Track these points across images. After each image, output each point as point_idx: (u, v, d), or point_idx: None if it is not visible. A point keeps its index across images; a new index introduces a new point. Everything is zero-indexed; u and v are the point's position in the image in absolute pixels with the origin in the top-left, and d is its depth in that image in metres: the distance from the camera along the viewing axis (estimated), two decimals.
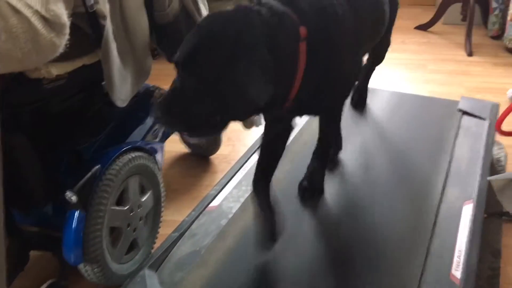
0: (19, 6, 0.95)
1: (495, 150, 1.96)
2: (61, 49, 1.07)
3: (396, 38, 3.41)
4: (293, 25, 1.04)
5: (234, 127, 2.38)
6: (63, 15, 1.03)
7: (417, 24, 3.61)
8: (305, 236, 1.34)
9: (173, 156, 2.09)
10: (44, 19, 1.00)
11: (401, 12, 4.19)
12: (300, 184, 1.46)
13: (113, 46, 1.26)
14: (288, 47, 1.03)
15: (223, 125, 1.02)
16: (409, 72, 2.93)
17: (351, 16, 1.18)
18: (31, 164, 1.29)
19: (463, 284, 1.14)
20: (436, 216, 1.37)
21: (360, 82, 1.92)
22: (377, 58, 1.85)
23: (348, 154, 1.67)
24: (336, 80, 1.18)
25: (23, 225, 1.38)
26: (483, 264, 1.43)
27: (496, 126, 1.00)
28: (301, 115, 1.36)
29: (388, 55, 3.19)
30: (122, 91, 1.32)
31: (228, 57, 0.94)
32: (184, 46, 0.99)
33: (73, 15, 1.20)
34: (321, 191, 1.46)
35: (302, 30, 1.04)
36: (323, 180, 1.47)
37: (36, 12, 0.98)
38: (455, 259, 1.21)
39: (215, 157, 2.08)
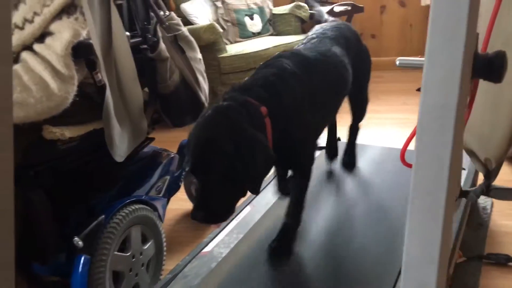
0: (34, 64, 1.28)
1: (481, 198, 2.06)
2: (70, 98, 1.33)
3: (397, 100, 3.61)
4: (256, 108, 1.32)
5: None
6: (71, 68, 1.33)
7: (418, 86, 3.77)
8: None
9: (180, 213, 2.26)
10: (55, 71, 1.29)
11: (402, 76, 4.40)
12: (270, 246, 1.53)
13: (113, 112, 1.47)
14: (260, 123, 1.31)
15: (243, 196, 1.32)
16: (408, 129, 3.04)
17: (302, 87, 1.42)
18: (49, 219, 1.47)
19: None
20: None
21: (347, 142, 2.07)
22: (357, 116, 2.00)
23: (349, 208, 1.78)
24: (295, 137, 1.44)
25: (43, 276, 1.56)
26: None
27: (400, 157, 1.08)
28: (283, 166, 1.61)
29: (388, 115, 3.34)
30: (121, 149, 1.53)
31: (231, 151, 1.20)
32: (191, 156, 1.25)
33: (84, 84, 1.45)
34: (289, 253, 1.52)
35: (263, 109, 1.32)
36: (293, 242, 1.54)
37: (47, 67, 1.28)
38: None
39: None
